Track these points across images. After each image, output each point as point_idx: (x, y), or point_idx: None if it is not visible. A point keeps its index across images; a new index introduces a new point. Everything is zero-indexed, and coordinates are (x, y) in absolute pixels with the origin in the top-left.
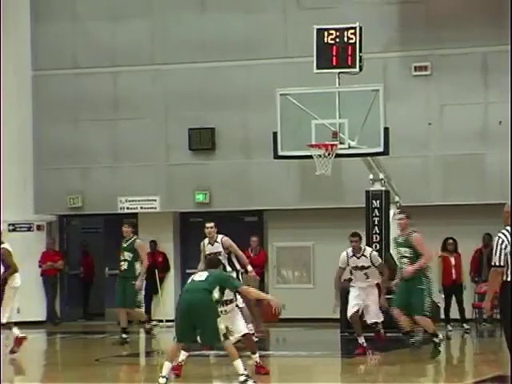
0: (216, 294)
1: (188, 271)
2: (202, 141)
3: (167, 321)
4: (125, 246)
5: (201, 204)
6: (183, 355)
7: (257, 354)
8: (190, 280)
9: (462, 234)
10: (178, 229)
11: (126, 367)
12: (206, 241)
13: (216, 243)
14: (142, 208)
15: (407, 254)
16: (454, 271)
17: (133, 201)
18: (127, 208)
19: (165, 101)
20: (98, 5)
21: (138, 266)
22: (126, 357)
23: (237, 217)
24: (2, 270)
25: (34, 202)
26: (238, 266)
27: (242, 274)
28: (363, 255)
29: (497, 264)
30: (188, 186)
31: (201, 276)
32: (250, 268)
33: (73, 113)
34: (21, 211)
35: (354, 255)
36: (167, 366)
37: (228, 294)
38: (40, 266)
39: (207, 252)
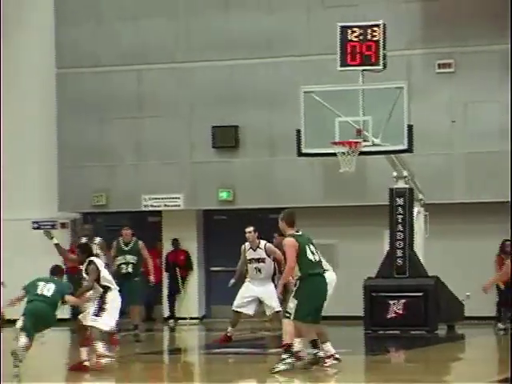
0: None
1: (212, 269)
2: (226, 139)
3: (191, 318)
4: (127, 249)
5: (224, 202)
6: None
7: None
8: (38, 290)
9: (486, 232)
10: (201, 227)
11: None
12: (247, 245)
13: (259, 249)
14: (165, 206)
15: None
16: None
17: (157, 198)
18: (151, 206)
19: (189, 99)
20: (123, 4)
21: (139, 266)
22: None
23: (261, 214)
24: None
25: (58, 199)
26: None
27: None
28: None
29: None
30: (212, 184)
31: (49, 290)
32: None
33: (97, 111)
34: (45, 209)
35: None
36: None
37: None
38: (64, 264)
39: (248, 257)
